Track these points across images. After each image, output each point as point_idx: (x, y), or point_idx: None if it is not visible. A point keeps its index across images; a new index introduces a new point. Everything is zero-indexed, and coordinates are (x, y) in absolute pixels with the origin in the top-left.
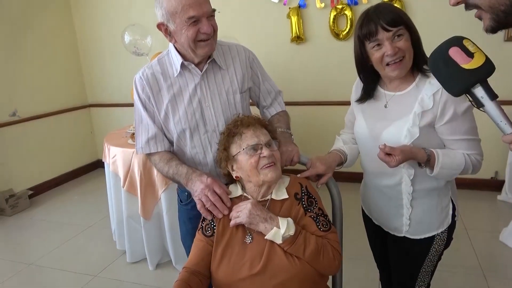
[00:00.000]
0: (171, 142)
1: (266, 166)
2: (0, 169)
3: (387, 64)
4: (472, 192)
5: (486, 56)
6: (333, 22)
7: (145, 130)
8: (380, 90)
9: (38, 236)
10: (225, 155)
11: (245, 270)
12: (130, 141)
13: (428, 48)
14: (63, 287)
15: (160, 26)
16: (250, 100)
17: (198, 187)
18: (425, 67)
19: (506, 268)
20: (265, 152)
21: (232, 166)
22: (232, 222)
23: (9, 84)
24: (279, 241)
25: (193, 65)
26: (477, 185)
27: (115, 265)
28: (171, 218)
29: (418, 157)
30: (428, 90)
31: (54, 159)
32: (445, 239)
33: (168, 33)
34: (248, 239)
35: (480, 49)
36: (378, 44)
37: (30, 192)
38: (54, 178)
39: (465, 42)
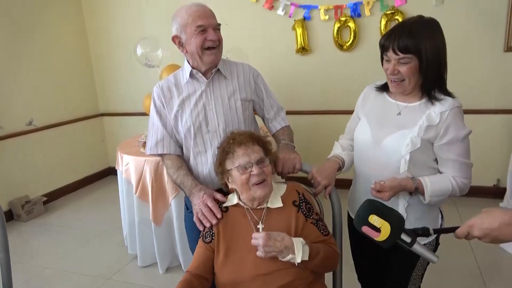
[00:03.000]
0: (180, 146)
1: (256, 183)
2: (17, 176)
3: (390, 79)
4: (474, 199)
5: (391, 224)
6: (337, 33)
7: (155, 133)
8: (390, 100)
9: (53, 241)
10: (220, 170)
11: (249, 271)
12: (142, 149)
13: None
14: None
15: (174, 39)
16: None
17: (196, 202)
18: (433, 93)
19: (506, 273)
20: (255, 170)
21: (228, 178)
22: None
23: (25, 94)
24: (296, 261)
25: (200, 74)
26: (479, 192)
27: (127, 268)
28: (180, 223)
29: (407, 188)
30: (437, 108)
31: (67, 167)
32: (434, 245)
33: (180, 44)
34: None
35: (385, 217)
36: (387, 60)
37: (45, 199)
38: (67, 185)
39: (370, 219)
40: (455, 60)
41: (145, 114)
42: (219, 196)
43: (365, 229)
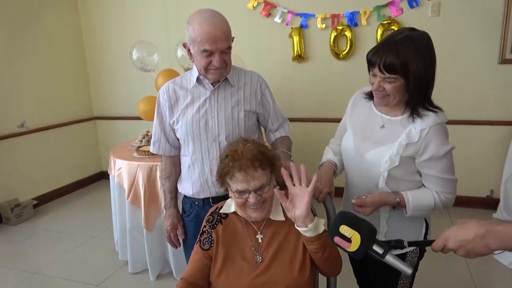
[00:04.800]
0: (177, 148)
1: (252, 207)
2: (7, 179)
3: (375, 92)
4: (468, 210)
5: (361, 234)
6: (334, 42)
7: (154, 133)
8: (375, 111)
9: (42, 246)
10: (220, 180)
11: (246, 281)
12: (135, 154)
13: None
14: None
15: (185, 45)
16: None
17: (165, 223)
18: (418, 109)
19: (499, 285)
20: (252, 199)
21: (227, 188)
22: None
23: (18, 96)
24: (321, 229)
25: (207, 80)
26: (473, 203)
27: (117, 275)
28: None
29: (389, 203)
30: (417, 125)
31: (59, 170)
32: (418, 252)
33: (190, 53)
34: (258, 259)
35: (356, 227)
36: (374, 75)
37: (35, 202)
38: (58, 189)
39: (341, 230)
40: (450, 72)
41: (139, 118)
42: (179, 232)
43: (337, 239)
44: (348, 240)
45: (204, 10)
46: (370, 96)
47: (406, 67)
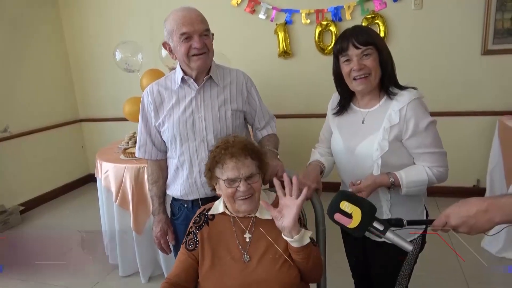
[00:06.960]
0: (164, 151)
1: (241, 198)
2: None
3: (354, 79)
4: (454, 200)
5: (362, 210)
6: (319, 37)
7: (139, 137)
8: (355, 108)
9: (31, 252)
10: (209, 175)
11: (235, 280)
12: (122, 156)
13: (412, 65)
14: None
15: (164, 45)
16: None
17: (154, 229)
18: (391, 89)
19: (487, 274)
20: (242, 186)
21: (216, 184)
22: (277, 223)
23: (0, 99)
24: (306, 241)
25: (192, 80)
26: (459, 193)
27: (108, 279)
28: None
29: (384, 184)
30: (395, 106)
31: (45, 175)
32: (420, 243)
33: (170, 51)
34: (246, 258)
35: (356, 203)
36: (348, 60)
37: (22, 208)
38: (45, 193)
39: (341, 206)
40: (434, 64)
41: (125, 119)
42: (170, 238)
43: (337, 216)
44: (349, 216)
45: (177, 8)
46: (343, 106)
47: (375, 40)
